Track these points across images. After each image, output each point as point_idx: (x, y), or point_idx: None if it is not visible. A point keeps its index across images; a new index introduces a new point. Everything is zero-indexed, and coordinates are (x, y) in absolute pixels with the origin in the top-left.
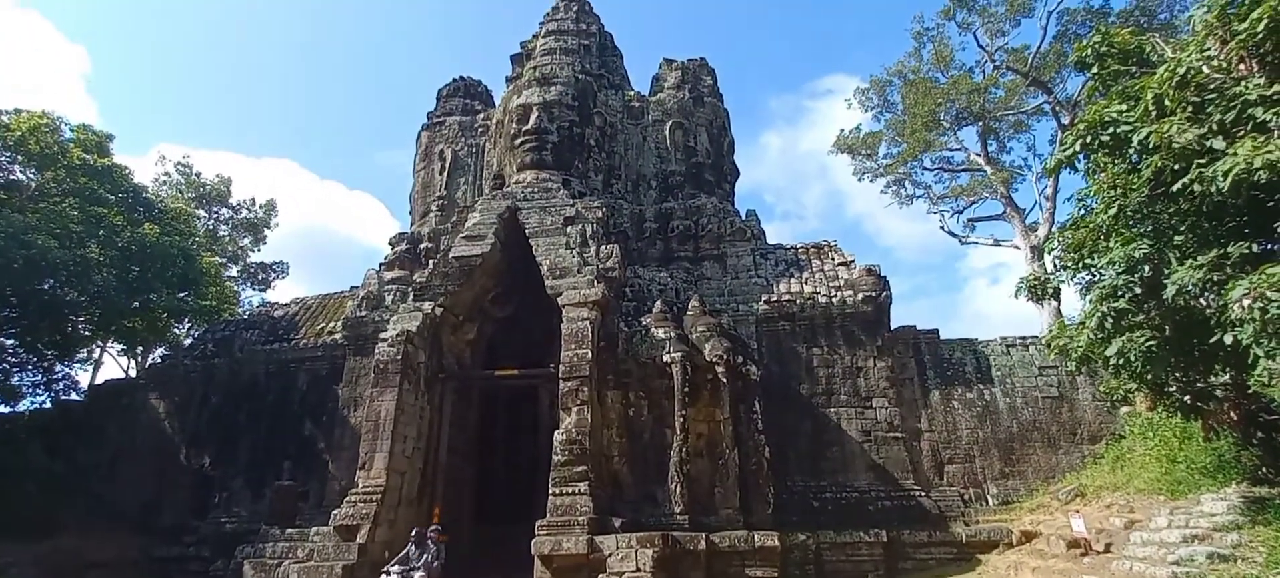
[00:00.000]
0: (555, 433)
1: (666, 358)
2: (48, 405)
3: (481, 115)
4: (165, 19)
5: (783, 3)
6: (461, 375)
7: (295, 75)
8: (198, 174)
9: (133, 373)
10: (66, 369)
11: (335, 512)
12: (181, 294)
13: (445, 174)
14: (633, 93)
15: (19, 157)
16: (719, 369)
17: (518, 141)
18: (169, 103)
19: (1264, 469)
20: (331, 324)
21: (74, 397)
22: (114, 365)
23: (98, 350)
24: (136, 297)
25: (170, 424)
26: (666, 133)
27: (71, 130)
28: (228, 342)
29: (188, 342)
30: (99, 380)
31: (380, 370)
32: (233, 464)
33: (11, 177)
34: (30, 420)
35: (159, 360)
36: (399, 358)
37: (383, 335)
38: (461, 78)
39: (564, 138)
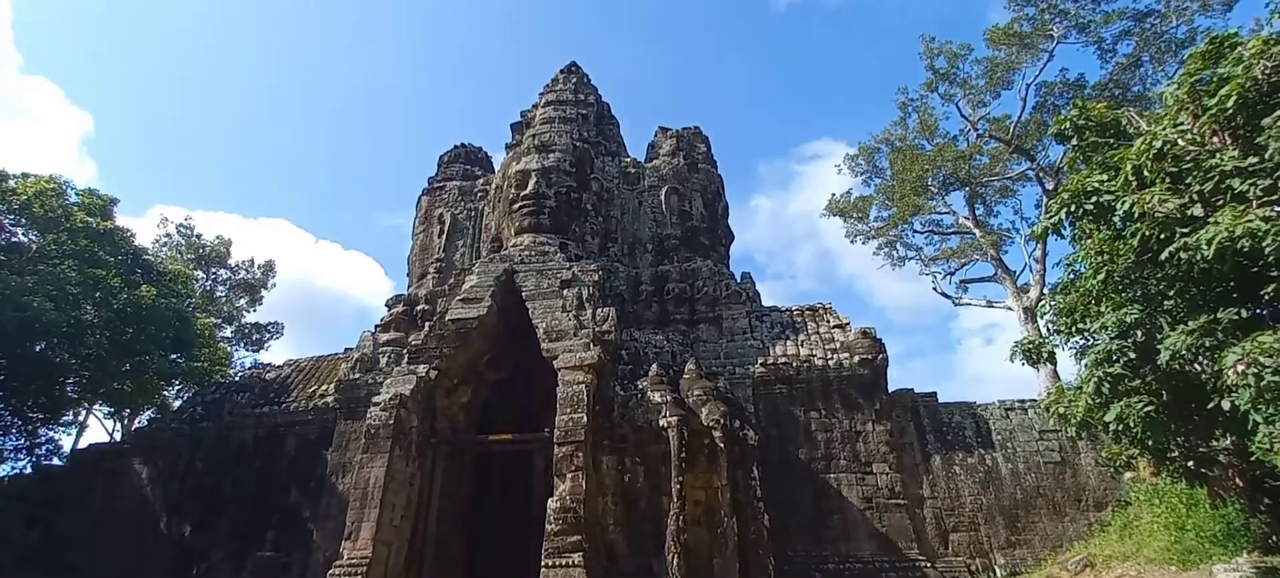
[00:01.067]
0: (549, 500)
1: (663, 422)
2: (29, 470)
3: (481, 180)
4: (167, 83)
5: (770, 71)
6: (455, 440)
7: (294, 137)
8: (198, 236)
9: (118, 437)
10: (51, 433)
11: None
12: (174, 356)
13: (444, 237)
14: (629, 159)
15: (22, 219)
16: (716, 434)
17: (516, 206)
18: (167, 163)
19: (1274, 538)
20: (324, 387)
21: (56, 461)
22: (100, 429)
23: (84, 414)
24: (128, 359)
25: (153, 491)
26: (662, 198)
27: (77, 194)
28: (217, 405)
29: (177, 404)
30: (83, 444)
31: (371, 435)
32: (215, 534)
33: (14, 239)
34: (9, 487)
35: (146, 424)
36: (391, 422)
37: (375, 399)
38: (462, 144)
39: (561, 202)
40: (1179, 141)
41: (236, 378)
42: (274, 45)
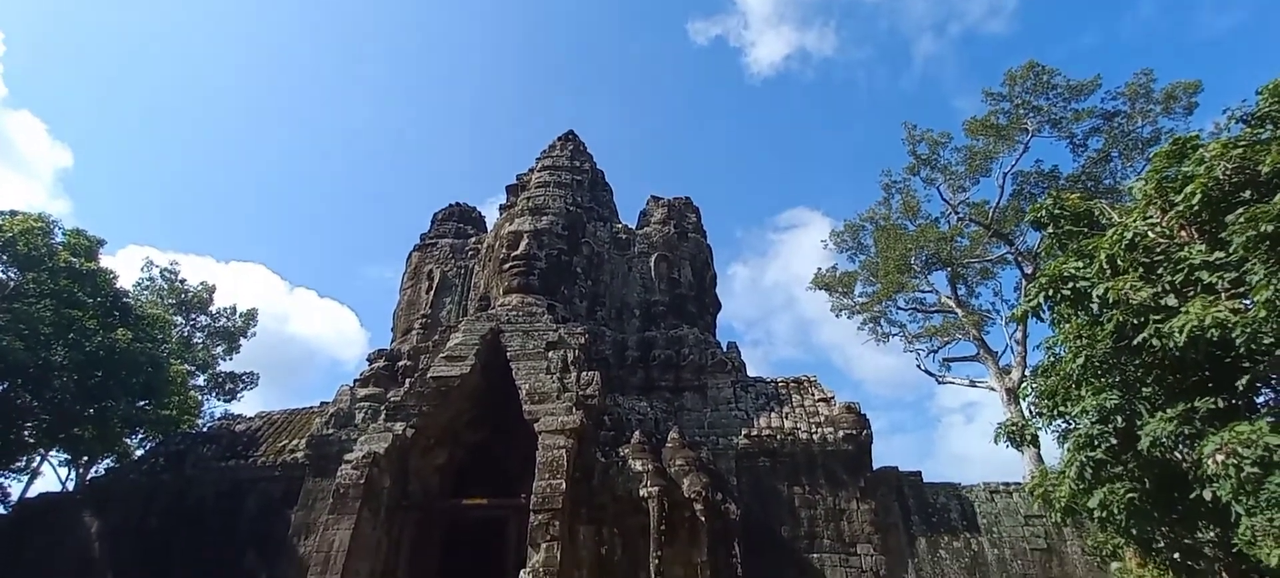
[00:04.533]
0: (521, 573)
1: (644, 492)
2: None
3: (473, 239)
4: (149, 122)
5: (748, 141)
6: (428, 504)
7: (277, 183)
8: (182, 281)
9: (72, 486)
10: (1, 479)
11: None
12: (142, 402)
13: (432, 293)
14: (620, 225)
15: (4, 256)
16: (698, 506)
17: (506, 266)
18: (142, 202)
19: None
20: (295, 442)
21: (0, 510)
22: (53, 477)
23: (39, 460)
24: (93, 403)
25: (100, 548)
26: (652, 265)
27: (64, 234)
28: (180, 456)
29: (140, 454)
30: (34, 493)
31: (340, 494)
32: None
33: None
34: None
35: (103, 474)
36: (362, 482)
37: (347, 456)
38: (456, 203)
39: (552, 264)
40: (1150, 233)
41: (205, 428)
42: (266, 90)
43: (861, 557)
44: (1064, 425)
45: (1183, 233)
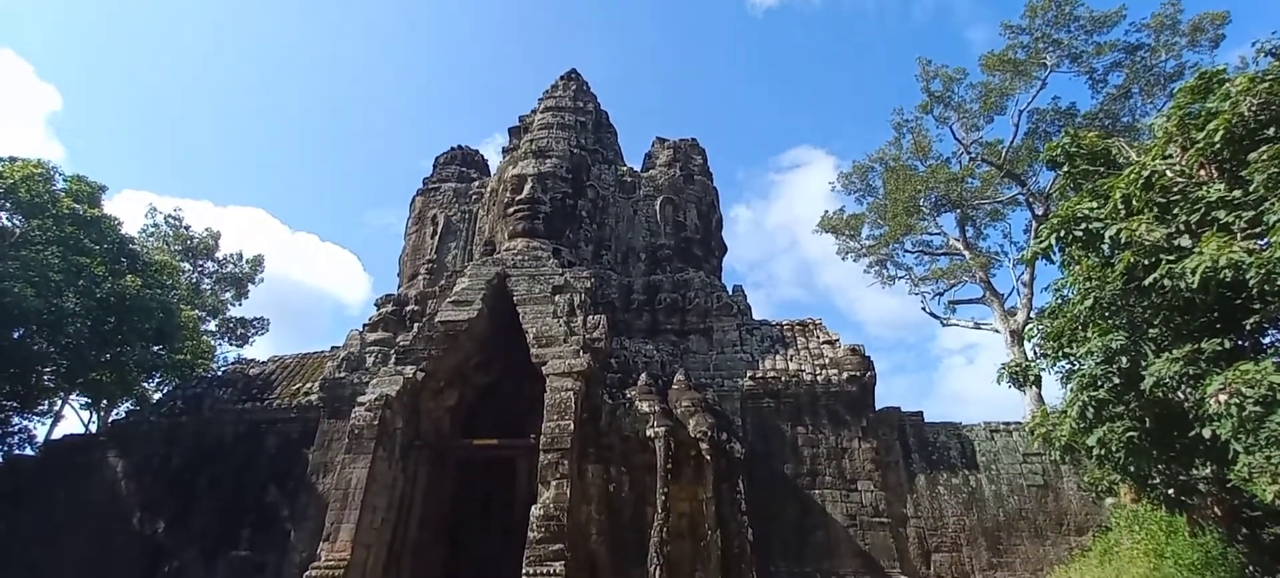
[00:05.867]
0: (532, 508)
1: (650, 432)
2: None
3: (476, 183)
4: (140, 61)
5: (750, 76)
6: (439, 444)
7: (276, 126)
8: (187, 228)
9: (94, 429)
10: (26, 422)
11: None
12: (156, 348)
13: (437, 239)
14: (625, 168)
15: (7, 204)
16: (703, 445)
17: (511, 210)
18: (136, 145)
19: (1250, 567)
20: (308, 385)
21: (28, 451)
22: (76, 420)
23: (60, 404)
24: (108, 349)
25: (126, 487)
26: (657, 208)
27: (65, 180)
28: (198, 399)
29: (157, 397)
30: (58, 435)
31: (355, 435)
32: (188, 532)
33: None
34: None
35: (123, 416)
36: (376, 423)
37: (360, 399)
38: (458, 146)
39: (556, 208)
40: (1167, 172)
41: (219, 372)
42: (262, 34)
43: (862, 493)
44: (1068, 366)
45: (1202, 171)
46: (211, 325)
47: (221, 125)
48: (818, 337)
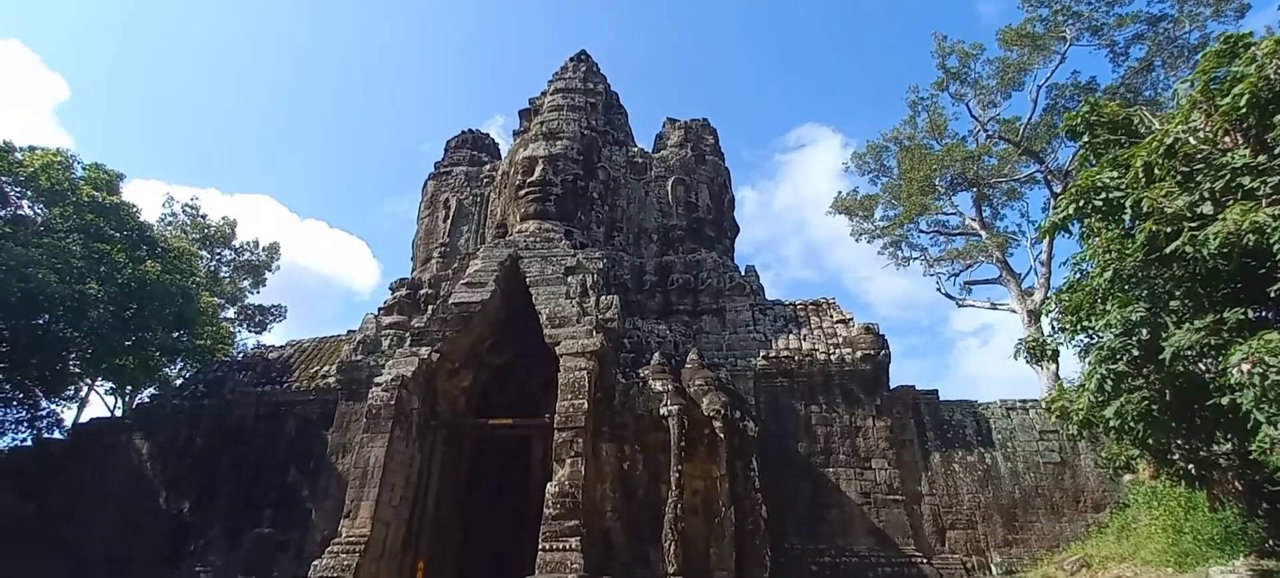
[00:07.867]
0: (547, 486)
1: (664, 410)
2: (29, 443)
3: (487, 166)
4: (146, 50)
5: (757, 53)
6: (455, 424)
7: (283, 114)
8: (204, 216)
9: (119, 413)
10: (53, 406)
11: (316, 563)
12: (177, 333)
13: (449, 222)
14: (636, 148)
15: (28, 192)
16: (717, 423)
17: (522, 192)
18: (144, 133)
19: (1270, 541)
20: (326, 368)
21: (57, 435)
22: (101, 405)
23: (86, 389)
24: (131, 334)
25: (151, 467)
26: (669, 188)
27: (83, 168)
28: (219, 383)
29: (179, 382)
30: (85, 419)
31: (372, 416)
32: (212, 511)
33: (20, 211)
34: (5, 460)
35: (147, 400)
36: (392, 403)
37: (377, 380)
38: (470, 130)
39: (568, 190)
40: (1190, 140)
41: (239, 357)
42: (265, 21)
43: (876, 471)
44: (1087, 340)
45: (1227, 138)
46: (230, 312)
47: (228, 113)
48: (831, 316)
